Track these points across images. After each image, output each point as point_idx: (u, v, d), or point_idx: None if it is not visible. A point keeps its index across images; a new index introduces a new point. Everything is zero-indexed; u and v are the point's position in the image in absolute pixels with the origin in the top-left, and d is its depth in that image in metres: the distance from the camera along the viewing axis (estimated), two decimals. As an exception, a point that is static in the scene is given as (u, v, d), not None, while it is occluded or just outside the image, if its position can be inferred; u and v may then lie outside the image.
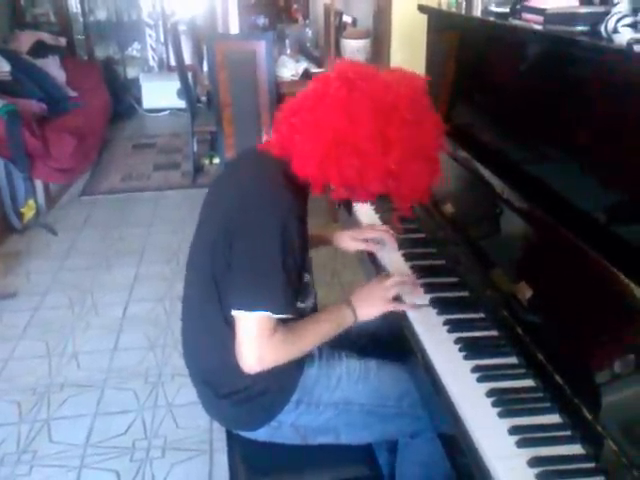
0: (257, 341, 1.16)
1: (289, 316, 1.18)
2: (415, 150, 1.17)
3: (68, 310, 2.80)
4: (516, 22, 1.48)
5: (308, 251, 1.34)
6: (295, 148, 1.20)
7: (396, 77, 1.21)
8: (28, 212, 3.59)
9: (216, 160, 4.58)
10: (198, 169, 4.54)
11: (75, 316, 2.75)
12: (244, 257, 1.18)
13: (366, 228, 1.71)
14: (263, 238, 1.16)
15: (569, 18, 1.21)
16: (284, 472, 1.35)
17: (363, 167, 1.15)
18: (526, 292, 1.21)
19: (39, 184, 3.81)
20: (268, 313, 1.15)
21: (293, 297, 1.20)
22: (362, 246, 1.63)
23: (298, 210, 1.20)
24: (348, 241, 1.62)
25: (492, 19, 1.65)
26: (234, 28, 5.15)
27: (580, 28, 1.19)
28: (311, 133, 1.17)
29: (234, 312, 1.18)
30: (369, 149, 1.14)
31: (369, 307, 1.33)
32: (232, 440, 1.40)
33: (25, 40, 4.87)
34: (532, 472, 0.95)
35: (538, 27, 1.35)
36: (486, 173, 1.54)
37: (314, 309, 1.37)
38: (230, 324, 1.22)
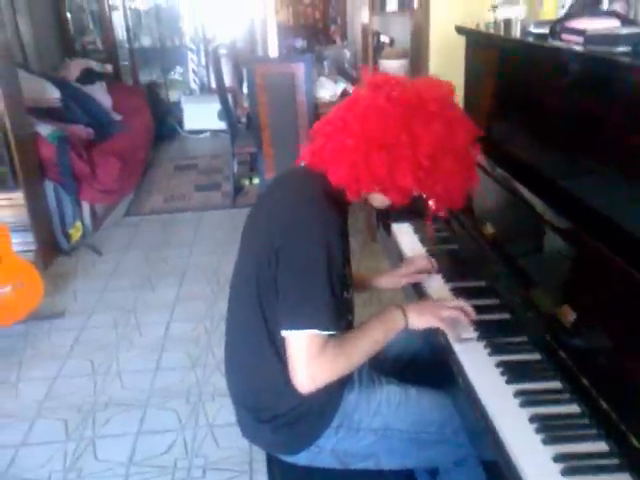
0: (308, 360, 1.16)
1: (335, 332, 1.18)
2: (445, 147, 1.18)
3: (112, 329, 2.87)
4: (556, 43, 1.46)
5: (350, 266, 1.34)
6: (327, 156, 1.23)
7: (423, 81, 1.27)
8: (76, 233, 3.71)
9: (256, 180, 4.65)
10: (238, 189, 4.61)
11: (119, 335, 2.82)
12: (290, 276, 1.19)
13: (407, 264, 1.68)
14: (307, 256, 1.17)
15: (610, 39, 1.20)
16: (324, 496, 1.35)
17: (392, 161, 1.17)
18: (569, 315, 1.18)
19: (85, 206, 3.94)
20: (315, 331, 1.15)
21: (338, 313, 1.20)
22: (410, 280, 1.62)
23: (339, 225, 1.22)
24: (393, 282, 1.63)
25: (531, 40, 1.64)
26: (273, 51, 5.25)
27: (621, 49, 1.17)
28: (340, 137, 1.21)
29: (283, 332, 1.18)
30: (395, 143, 1.16)
31: (422, 317, 1.32)
32: (272, 464, 1.40)
33: (74, 68, 5.08)
34: (578, 502, 0.93)
35: (578, 48, 1.34)
36: (526, 192, 1.52)
37: (350, 325, 1.36)
38: (276, 346, 1.23)
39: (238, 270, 1.37)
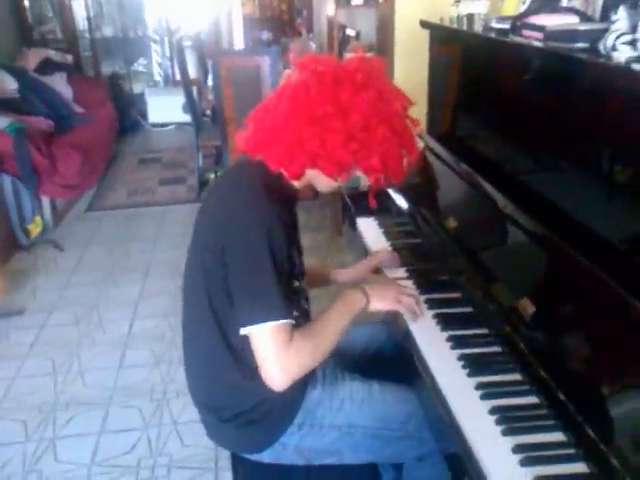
0: (275, 353, 1.14)
1: (290, 321, 1.16)
2: (377, 116, 1.18)
3: (74, 327, 2.81)
4: (517, 38, 1.48)
5: (301, 255, 1.34)
6: (262, 141, 1.23)
7: (352, 57, 1.27)
8: (35, 229, 3.62)
9: (221, 174, 4.60)
10: (203, 184, 4.56)
11: (81, 333, 2.76)
12: (237, 274, 1.18)
13: (369, 258, 1.68)
14: (250, 251, 1.16)
15: (569, 35, 1.22)
16: (289, 492, 1.34)
17: (323, 134, 1.17)
18: (529, 308, 1.20)
19: (45, 200, 3.83)
20: (272, 322, 1.13)
21: (289, 301, 1.19)
22: (372, 277, 1.61)
23: (281, 214, 1.19)
24: (358, 277, 1.61)
25: (493, 35, 1.66)
26: (239, 43, 5.20)
27: (580, 45, 1.19)
28: (272, 120, 1.22)
29: (243, 330, 1.16)
30: (324, 114, 1.16)
31: (381, 298, 1.33)
32: (237, 461, 1.39)
33: (32, 57, 4.93)
34: (537, 492, 0.94)
35: (538, 44, 1.35)
36: (488, 187, 1.54)
37: (307, 313, 1.35)
38: (230, 344, 1.22)
39: (188, 270, 1.35)
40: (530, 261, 1.34)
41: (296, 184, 1.30)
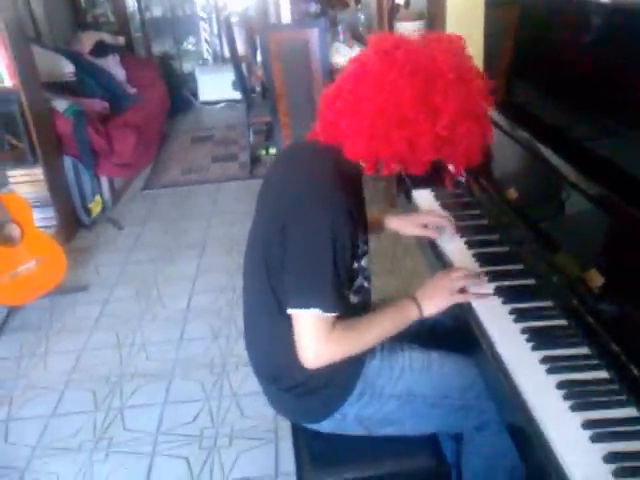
0: (313, 338, 1.16)
1: (338, 314, 1.17)
2: (463, 112, 1.14)
3: (136, 302, 2.90)
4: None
5: (366, 233, 1.31)
6: (343, 133, 1.19)
7: (433, 40, 1.19)
8: (95, 208, 3.74)
9: (272, 151, 4.61)
10: (255, 160, 4.59)
11: (142, 308, 2.85)
12: (295, 256, 1.18)
13: (425, 213, 1.68)
14: (314, 236, 1.15)
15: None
16: (349, 463, 1.36)
17: (413, 137, 1.14)
18: (597, 279, 1.15)
19: (104, 180, 3.95)
20: (318, 311, 1.14)
21: (343, 294, 1.20)
22: (420, 232, 1.60)
23: (348, 204, 1.18)
24: (406, 226, 1.60)
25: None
26: (286, 17, 5.15)
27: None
28: (356, 113, 1.16)
29: (289, 310, 1.18)
30: (416, 117, 1.12)
31: (435, 301, 1.30)
32: (297, 432, 1.41)
33: (86, 40, 5.03)
34: (608, 468, 0.91)
35: (606, 0, 1.28)
36: (550, 154, 1.48)
37: (366, 304, 1.35)
38: (288, 318, 1.23)
39: (250, 247, 1.36)
40: (597, 230, 1.29)
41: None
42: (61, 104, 3.57)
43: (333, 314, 1.16)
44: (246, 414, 2.15)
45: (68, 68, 4.05)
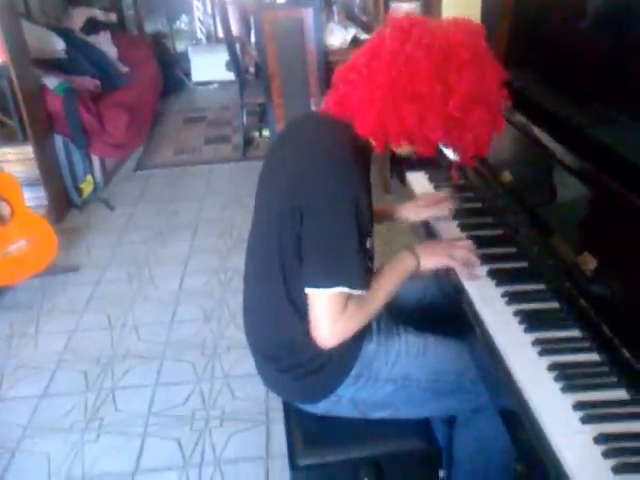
0: (332, 317, 1.15)
1: (366, 291, 1.17)
2: (477, 95, 1.13)
3: (127, 283, 2.89)
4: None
5: (372, 221, 1.31)
6: (355, 105, 1.18)
7: (452, 24, 1.18)
8: (87, 187, 3.70)
9: (266, 132, 4.58)
10: (248, 142, 4.55)
11: (134, 289, 2.84)
12: (316, 235, 1.16)
13: (425, 195, 1.66)
14: (337, 214, 1.14)
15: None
16: (341, 444, 1.36)
17: (423, 112, 1.12)
18: (590, 262, 1.15)
19: (95, 160, 3.91)
20: (346, 289, 1.14)
21: (368, 270, 1.20)
22: (430, 212, 1.59)
23: (366, 182, 1.18)
24: (415, 211, 1.59)
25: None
26: (280, -4, 5.08)
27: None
28: (368, 85, 1.15)
29: (308, 290, 1.16)
30: (428, 93, 1.11)
31: (433, 258, 1.31)
32: (290, 412, 1.41)
33: (77, 17, 4.95)
34: (599, 449, 0.91)
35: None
36: (546, 138, 1.47)
37: (370, 272, 1.34)
38: (293, 300, 1.22)
39: (256, 225, 1.34)
40: (591, 214, 1.28)
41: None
42: (52, 81, 3.52)
43: (360, 291, 1.16)
44: (237, 396, 2.15)
45: (59, 45, 3.99)
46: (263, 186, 1.32)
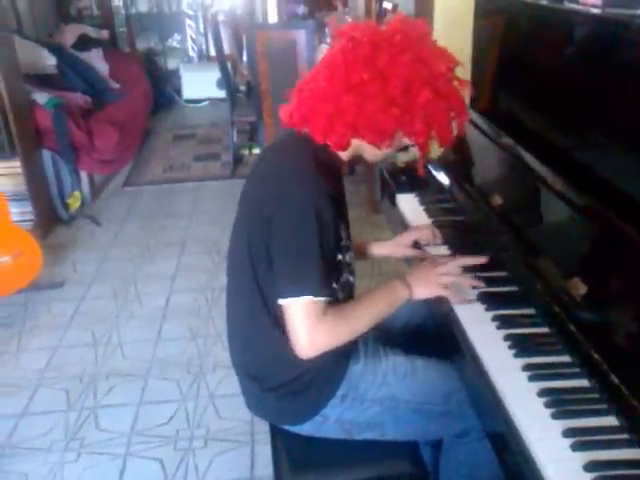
0: (307, 326, 1.14)
1: (329, 298, 1.16)
2: (418, 80, 1.15)
3: (113, 300, 2.85)
4: (571, 5, 1.41)
5: (348, 228, 1.31)
6: (304, 113, 1.22)
7: (393, 20, 1.23)
8: (74, 203, 3.67)
9: (256, 150, 4.59)
10: (238, 160, 4.56)
11: (119, 306, 2.80)
12: (281, 245, 1.17)
13: (407, 232, 1.65)
14: (297, 224, 1.15)
15: (630, 1, 1.15)
16: (328, 466, 1.34)
17: (360, 101, 1.15)
18: (580, 288, 1.16)
19: (84, 176, 3.89)
20: (309, 297, 1.13)
21: (330, 279, 1.19)
22: (412, 252, 1.59)
23: (329, 188, 1.18)
24: (395, 249, 1.60)
25: (546, 3, 1.58)
26: (273, 17, 5.14)
27: (643, 11, 1.13)
28: (312, 91, 1.21)
29: (280, 301, 1.16)
30: (359, 82, 1.15)
31: (424, 287, 1.30)
32: (276, 434, 1.39)
33: (70, 34, 4.96)
34: (589, 477, 0.91)
35: (595, 11, 1.29)
36: (535, 162, 1.49)
37: (352, 288, 1.34)
38: (273, 314, 1.21)
39: (233, 241, 1.35)
40: (581, 239, 1.29)
41: (343, 155, 1.28)
42: (42, 97, 3.51)
43: (324, 298, 1.15)
44: (222, 416, 2.12)
45: (50, 60, 3.99)
46: (240, 205, 1.34)
